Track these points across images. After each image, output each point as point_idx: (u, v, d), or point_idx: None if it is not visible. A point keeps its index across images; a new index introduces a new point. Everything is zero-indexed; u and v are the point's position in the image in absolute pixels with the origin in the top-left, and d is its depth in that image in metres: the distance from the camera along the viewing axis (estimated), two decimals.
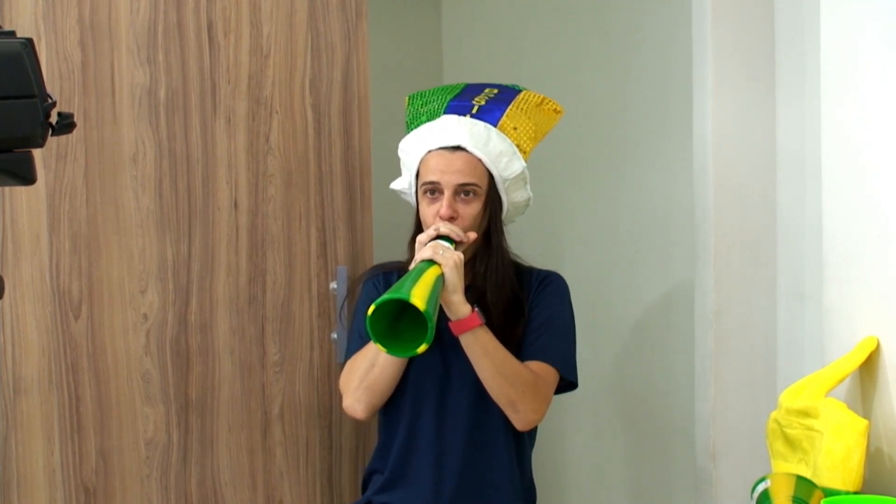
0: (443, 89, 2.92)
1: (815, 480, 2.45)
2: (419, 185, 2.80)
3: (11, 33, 1.83)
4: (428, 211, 2.77)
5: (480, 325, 2.73)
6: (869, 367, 2.52)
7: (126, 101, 2.91)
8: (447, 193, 2.75)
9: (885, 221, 2.49)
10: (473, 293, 2.81)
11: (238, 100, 3.02)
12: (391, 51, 3.04)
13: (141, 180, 2.93)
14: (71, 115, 1.94)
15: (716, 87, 3.21)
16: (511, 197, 2.85)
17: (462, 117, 2.80)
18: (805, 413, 2.52)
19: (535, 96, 2.93)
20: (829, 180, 2.68)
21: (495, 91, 2.92)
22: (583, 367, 3.83)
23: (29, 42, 1.82)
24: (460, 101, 2.85)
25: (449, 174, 2.76)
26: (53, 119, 1.87)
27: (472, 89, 2.92)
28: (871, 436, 2.45)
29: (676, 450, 3.35)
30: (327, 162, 3.12)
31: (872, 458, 2.47)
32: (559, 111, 2.99)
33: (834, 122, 2.65)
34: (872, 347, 2.51)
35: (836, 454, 2.43)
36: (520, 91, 2.95)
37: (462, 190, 2.77)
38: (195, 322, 3.01)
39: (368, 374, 2.78)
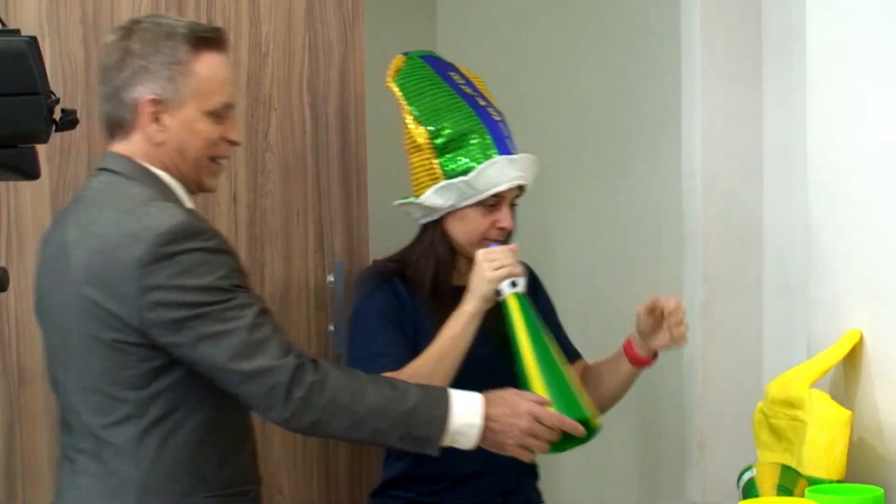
0: (445, 98, 2.91)
1: (800, 469, 2.49)
2: (479, 199, 2.84)
3: (16, 31, 1.86)
4: (484, 221, 2.83)
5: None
6: (852, 360, 2.56)
7: None
8: (505, 207, 2.85)
9: (869, 217, 2.53)
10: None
11: (237, 97, 3.02)
12: (386, 51, 3.09)
13: None
14: (74, 112, 1.97)
15: (704, 86, 3.24)
16: None
17: (521, 156, 2.86)
18: (790, 404, 2.55)
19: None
20: (814, 177, 2.71)
21: (482, 94, 2.97)
22: None
23: (33, 40, 1.85)
24: (497, 124, 2.88)
25: (511, 189, 2.86)
26: (57, 115, 1.90)
27: (474, 89, 2.95)
28: (854, 426, 2.48)
29: (665, 440, 3.38)
30: (324, 158, 3.15)
31: (855, 447, 2.50)
32: None
33: (819, 120, 2.68)
34: (856, 340, 2.55)
35: (821, 444, 2.47)
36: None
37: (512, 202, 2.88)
38: None
39: None
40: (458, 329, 2.73)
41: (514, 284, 2.71)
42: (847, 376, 2.60)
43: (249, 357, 2.33)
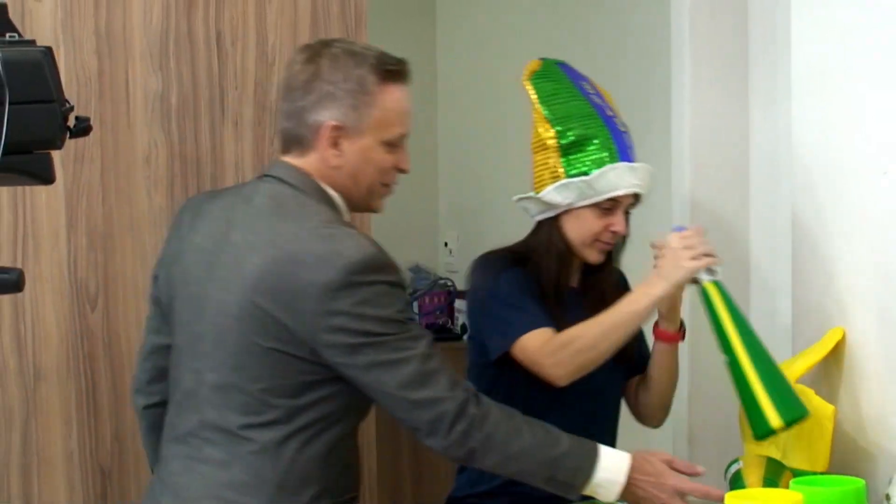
0: (577, 103, 2.94)
1: (785, 462, 2.54)
2: (597, 201, 2.86)
3: (32, 42, 1.88)
4: (598, 222, 2.86)
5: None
6: (835, 357, 2.60)
7: (140, 106, 2.98)
8: (620, 212, 2.89)
9: (851, 219, 2.57)
10: (598, 301, 2.88)
11: (245, 105, 3.08)
12: None
13: (154, 180, 3.00)
14: (88, 119, 1.99)
15: (693, 92, 3.28)
16: None
17: (641, 165, 2.90)
18: None
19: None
20: (799, 180, 2.74)
21: (610, 106, 3.00)
22: None
23: (48, 50, 1.87)
24: (622, 135, 2.92)
25: (627, 196, 2.90)
26: (71, 122, 1.92)
27: (603, 100, 2.98)
28: (837, 420, 2.52)
29: (656, 434, 3.42)
30: None
31: (838, 440, 2.54)
32: None
33: (804, 123, 2.71)
34: (839, 338, 2.58)
35: (805, 438, 2.51)
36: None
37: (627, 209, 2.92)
38: None
39: (583, 353, 2.73)
40: (639, 306, 2.73)
41: (710, 271, 2.68)
42: (830, 372, 2.64)
43: (420, 386, 2.38)
